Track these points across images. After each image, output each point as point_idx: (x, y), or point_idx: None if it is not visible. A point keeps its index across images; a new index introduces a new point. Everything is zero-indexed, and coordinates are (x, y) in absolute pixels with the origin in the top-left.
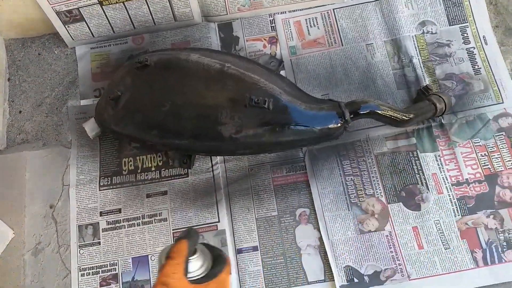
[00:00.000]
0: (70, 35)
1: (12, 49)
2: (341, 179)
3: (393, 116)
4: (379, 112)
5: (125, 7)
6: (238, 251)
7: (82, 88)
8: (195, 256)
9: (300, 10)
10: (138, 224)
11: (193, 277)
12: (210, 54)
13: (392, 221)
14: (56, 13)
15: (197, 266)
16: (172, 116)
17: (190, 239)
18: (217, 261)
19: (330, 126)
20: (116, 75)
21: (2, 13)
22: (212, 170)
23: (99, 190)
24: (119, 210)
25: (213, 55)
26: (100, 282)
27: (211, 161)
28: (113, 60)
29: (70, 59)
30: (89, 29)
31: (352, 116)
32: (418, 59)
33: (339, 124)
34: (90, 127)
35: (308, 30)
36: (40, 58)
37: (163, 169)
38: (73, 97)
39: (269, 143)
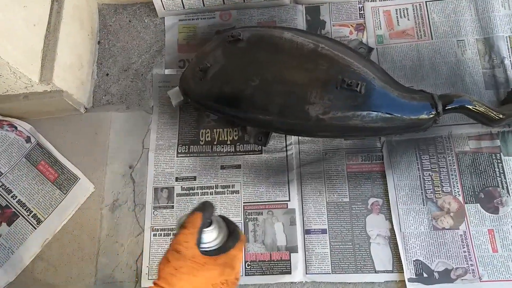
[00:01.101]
0: (162, 4)
1: (105, 13)
2: (419, 173)
3: (485, 113)
4: (472, 108)
5: None
6: (306, 232)
7: (168, 58)
8: (210, 228)
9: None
10: (211, 193)
11: (206, 248)
12: (303, 34)
13: (467, 221)
14: None
15: (211, 237)
16: (261, 91)
17: (205, 211)
18: (232, 236)
19: (421, 116)
20: (206, 47)
21: None
22: (286, 150)
23: (177, 156)
24: (194, 178)
25: (306, 35)
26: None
27: (286, 141)
28: (200, 33)
29: (159, 28)
30: (181, 0)
31: (444, 109)
32: (510, 60)
33: (430, 116)
34: (174, 96)
35: (397, 20)
36: (130, 25)
37: (238, 143)
38: (158, 65)
39: (356, 127)
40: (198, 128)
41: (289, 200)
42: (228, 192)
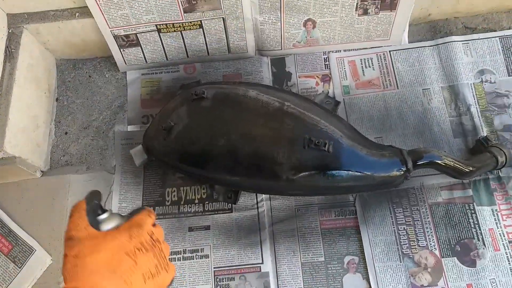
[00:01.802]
0: (124, 59)
1: (63, 69)
2: (393, 227)
3: (455, 167)
4: (441, 163)
5: (182, 36)
6: None
7: (130, 114)
8: (105, 215)
9: (355, 50)
10: (179, 259)
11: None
12: (268, 91)
13: (445, 277)
14: (114, 37)
15: (111, 224)
16: (227, 152)
17: (89, 197)
18: (137, 208)
19: (391, 173)
20: (169, 104)
21: (60, 34)
22: (257, 207)
23: None
24: None
25: (271, 92)
26: None
27: (257, 197)
28: (164, 87)
29: (120, 83)
30: (143, 54)
31: (414, 164)
32: (476, 108)
33: (401, 173)
34: (138, 155)
35: (363, 70)
36: (90, 80)
37: (207, 202)
38: (121, 122)
39: (326, 187)
40: (163, 187)
41: (262, 263)
42: (197, 257)
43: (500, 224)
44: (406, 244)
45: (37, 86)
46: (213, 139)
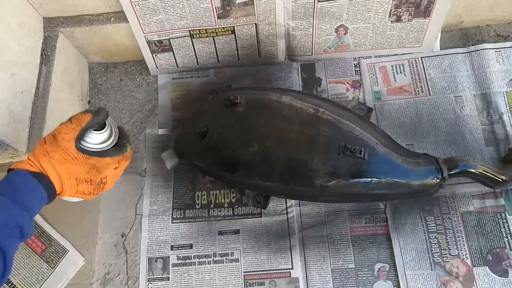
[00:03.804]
0: (156, 64)
1: (95, 72)
2: (425, 235)
3: (490, 176)
4: (476, 171)
5: (214, 41)
6: None
7: (161, 117)
8: (100, 131)
9: (385, 56)
10: (209, 262)
11: (89, 147)
12: (301, 96)
13: (477, 286)
14: (147, 42)
15: (97, 140)
16: (260, 157)
17: (96, 115)
18: (118, 146)
19: (427, 182)
20: (202, 109)
21: (94, 38)
22: (287, 213)
23: (172, 222)
24: (190, 246)
25: (304, 97)
26: None
27: (286, 203)
28: (194, 91)
29: (151, 87)
30: (175, 59)
31: (449, 173)
32: (509, 116)
33: (436, 181)
34: (169, 158)
35: (394, 76)
36: (121, 84)
37: (236, 206)
38: (151, 125)
39: (360, 194)
40: (193, 191)
41: (292, 268)
42: (227, 260)
43: None
44: (437, 252)
45: (71, 90)
46: (246, 144)
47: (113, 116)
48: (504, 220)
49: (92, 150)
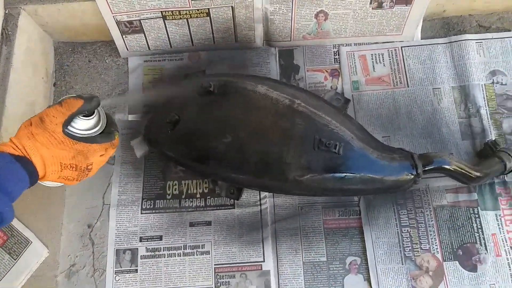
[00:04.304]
0: (126, 46)
1: (61, 52)
2: (397, 229)
3: (464, 173)
4: (451, 168)
5: (188, 24)
6: None
7: (131, 103)
8: (89, 117)
9: (366, 44)
10: (179, 255)
11: (76, 133)
12: (277, 86)
13: (446, 281)
14: (116, 22)
15: (85, 126)
16: (234, 149)
17: (87, 102)
18: (105, 133)
19: (401, 178)
20: (174, 96)
21: (59, 16)
22: (260, 204)
23: (141, 213)
24: (160, 237)
25: (281, 88)
26: None
27: (259, 194)
28: (167, 75)
29: (121, 70)
30: (147, 41)
31: (423, 169)
32: (486, 110)
33: (411, 177)
34: (139, 146)
35: (373, 66)
36: (90, 65)
37: (209, 197)
38: (121, 110)
39: (334, 189)
40: (165, 180)
41: (264, 261)
42: (198, 253)
43: (503, 229)
44: (409, 246)
45: (34, 71)
46: (220, 135)
47: None
48: (476, 215)
49: (80, 135)
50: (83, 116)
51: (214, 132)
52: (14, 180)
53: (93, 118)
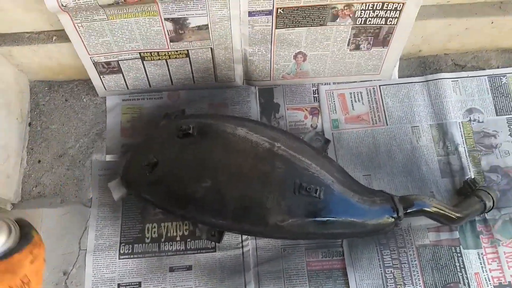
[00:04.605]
0: (104, 85)
1: (37, 91)
2: (381, 270)
3: (444, 215)
4: (431, 210)
5: (167, 64)
6: None
7: (109, 142)
8: None
9: (344, 83)
10: None
11: None
12: (257, 128)
13: None
14: (93, 63)
15: None
16: (213, 194)
17: None
18: (23, 238)
19: (382, 221)
20: (152, 137)
21: (35, 57)
22: (242, 247)
23: (119, 258)
24: (139, 284)
25: (260, 129)
26: None
27: (241, 236)
28: (146, 115)
29: (99, 109)
30: (125, 81)
31: (404, 212)
32: (464, 147)
33: (391, 220)
34: (116, 188)
35: (352, 104)
36: (66, 104)
37: (189, 239)
38: (99, 150)
39: (315, 233)
40: (143, 223)
41: None
42: None
43: (485, 268)
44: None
45: (8, 112)
46: (199, 180)
47: (57, 140)
48: (459, 254)
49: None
50: None
51: (193, 176)
52: None
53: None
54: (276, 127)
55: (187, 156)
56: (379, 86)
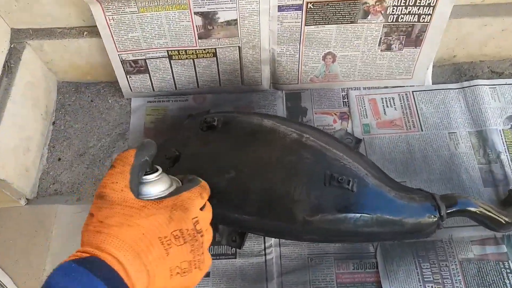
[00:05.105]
0: (130, 86)
1: (64, 92)
2: (420, 285)
3: (492, 217)
4: (477, 211)
5: (194, 64)
6: None
7: (132, 143)
8: (154, 175)
9: (375, 88)
10: None
11: (156, 196)
12: (285, 122)
13: None
14: (121, 61)
15: (157, 189)
16: (237, 186)
17: (141, 150)
18: (190, 182)
19: (422, 220)
20: (176, 133)
21: (65, 53)
22: (265, 254)
23: None
24: None
25: (288, 123)
26: None
27: (264, 242)
28: (170, 116)
29: (124, 110)
30: (151, 82)
31: (447, 212)
32: (507, 155)
33: (433, 219)
34: None
35: (384, 109)
36: (91, 105)
37: None
38: (120, 150)
39: (347, 232)
40: None
41: None
42: None
43: None
44: None
45: (34, 106)
46: (221, 172)
47: (79, 139)
48: (508, 270)
49: (159, 196)
50: (146, 175)
51: (216, 167)
52: None
53: (159, 171)
54: (304, 123)
55: (210, 147)
56: (412, 91)
